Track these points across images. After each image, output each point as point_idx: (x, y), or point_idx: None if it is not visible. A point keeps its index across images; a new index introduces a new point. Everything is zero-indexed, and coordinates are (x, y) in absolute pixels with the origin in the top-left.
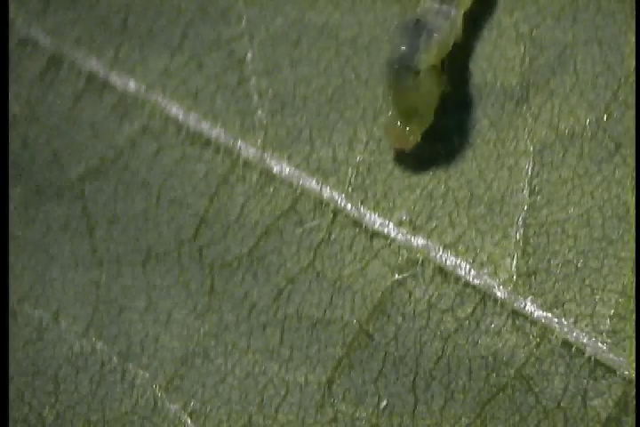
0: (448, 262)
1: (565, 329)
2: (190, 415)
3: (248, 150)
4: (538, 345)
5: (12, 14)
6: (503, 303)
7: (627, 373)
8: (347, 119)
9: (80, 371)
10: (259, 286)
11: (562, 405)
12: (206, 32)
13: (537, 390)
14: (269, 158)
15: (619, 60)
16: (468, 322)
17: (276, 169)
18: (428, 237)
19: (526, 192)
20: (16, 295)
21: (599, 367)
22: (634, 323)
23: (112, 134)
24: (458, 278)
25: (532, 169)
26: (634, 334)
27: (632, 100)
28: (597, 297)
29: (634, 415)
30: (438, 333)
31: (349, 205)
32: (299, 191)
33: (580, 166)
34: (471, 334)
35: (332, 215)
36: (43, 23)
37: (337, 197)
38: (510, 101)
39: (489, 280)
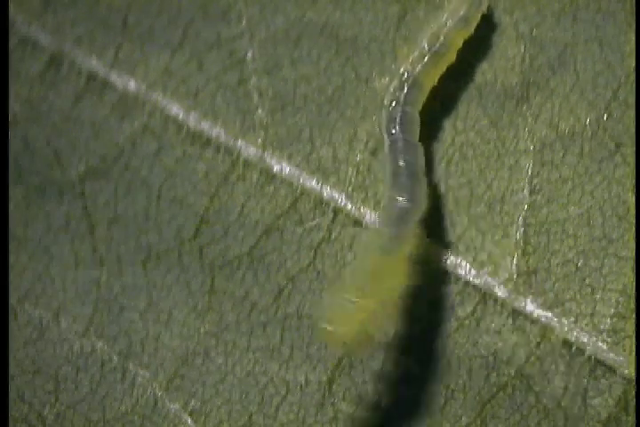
0: (448, 262)
1: (566, 328)
2: (191, 415)
3: (248, 150)
4: (538, 344)
5: (12, 14)
6: (503, 303)
7: (627, 372)
8: (347, 119)
9: (80, 370)
10: (259, 286)
11: (562, 404)
12: (207, 32)
13: (537, 389)
14: (269, 158)
15: (619, 59)
16: (468, 321)
17: (276, 168)
18: (428, 236)
19: (526, 191)
20: (16, 295)
21: (599, 367)
22: (634, 322)
23: (112, 134)
24: (458, 278)
25: (533, 168)
26: (634, 334)
27: (632, 99)
28: (598, 296)
29: (634, 415)
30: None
31: (350, 205)
32: (299, 191)
33: (581, 166)
34: (471, 334)
35: (332, 215)
36: (43, 22)
37: (337, 196)
38: (510, 101)
39: (489, 280)
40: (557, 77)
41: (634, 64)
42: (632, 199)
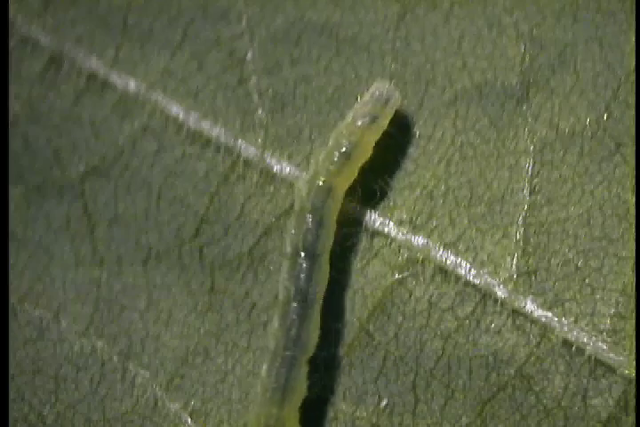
0: (448, 262)
1: (565, 328)
2: (191, 415)
3: (248, 150)
4: (538, 344)
5: (12, 14)
6: (503, 303)
7: (627, 372)
8: None
9: (80, 370)
10: (259, 286)
11: (562, 404)
12: (206, 31)
13: (537, 389)
14: (269, 158)
15: (619, 59)
16: (468, 321)
17: (276, 168)
18: (429, 236)
19: (526, 191)
20: (16, 295)
21: (599, 366)
22: (634, 322)
23: (113, 134)
24: (458, 278)
25: (533, 168)
26: (634, 334)
27: (632, 99)
28: (597, 296)
29: (634, 415)
30: (438, 332)
31: (350, 205)
32: None
33: (581, 165)
34: (471, 334)
35: None
36: (43, 22)
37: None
38: (510, 100)
39: (489, 279)
40: (557, 77)
41: (634, 64)
42: (632, 199)
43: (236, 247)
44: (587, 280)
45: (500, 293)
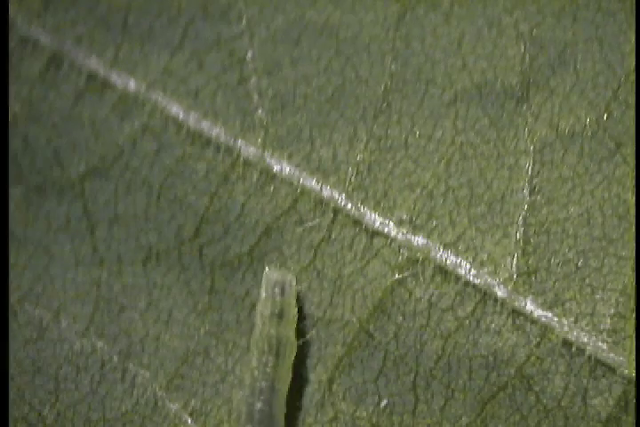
0: (448, 262)
1: (566, 328)
2: (191, 415)
3: (248, 149)
4: (538, 344)
5: (12, 14)
6: (503, 302)
7: (627, 372)
8: (347, 118)
9: (80, 370)
10: (259, 285)
11: (562, 404)
12: (207, 31)
13: (537, 389)
14: (269, 157)
15: (619, 58)
16: (468, 321)
17: (276, 168)
18: (429, 236)
19: (526, 191)
20: (17, 294)
21: (599, 366)
22: (634, 322)
23: (113, 133)
24: (458, 278)
25: (533, 168)
26: (634, 334)
27: (632, 99)
28: (597, 296)
29: (634, 414)
30: (438, 332)
31: (349, 205)
32: (299, 190)
33: (581, 165)
34: (471, 334)
35: (332, 215)
36: (43, 22)
37: (337, 196)
38: (510, 100)
39: (489, 279)
40: (557, 77)
41: (634, 64)
42: (632, 199)
43: (235, 247)
44: (587, 280)
45: (500, 293)
